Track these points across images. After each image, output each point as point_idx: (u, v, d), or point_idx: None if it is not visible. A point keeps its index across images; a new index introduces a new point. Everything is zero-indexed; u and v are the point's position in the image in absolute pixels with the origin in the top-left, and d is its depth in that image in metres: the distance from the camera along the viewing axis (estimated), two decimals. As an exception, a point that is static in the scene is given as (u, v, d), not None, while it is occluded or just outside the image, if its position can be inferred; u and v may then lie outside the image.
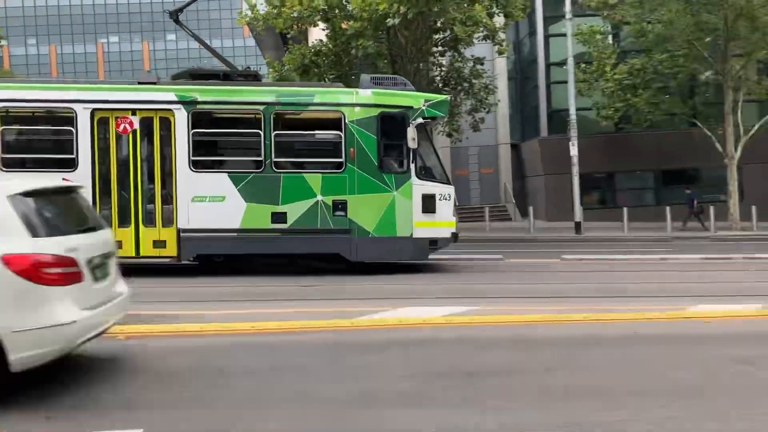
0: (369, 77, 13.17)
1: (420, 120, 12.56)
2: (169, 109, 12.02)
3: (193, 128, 12.05)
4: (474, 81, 24.03)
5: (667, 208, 24.55)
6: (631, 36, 26.08)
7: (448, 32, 21.94)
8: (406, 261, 12.98)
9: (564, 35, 25.48)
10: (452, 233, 12.87)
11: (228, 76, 13.16)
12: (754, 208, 24.57)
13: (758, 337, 7.05)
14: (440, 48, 23.79)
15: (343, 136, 12.30)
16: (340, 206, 12.20)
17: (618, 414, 4.53)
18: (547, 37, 30.81)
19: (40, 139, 12.75)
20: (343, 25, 21.48)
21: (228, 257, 12.51)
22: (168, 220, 12.04)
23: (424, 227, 12.53)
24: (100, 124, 11.95)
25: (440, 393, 5.05)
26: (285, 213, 12.10)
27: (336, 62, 22.74)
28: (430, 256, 13.26)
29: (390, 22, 19.31)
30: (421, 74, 22.72)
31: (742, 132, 24.21)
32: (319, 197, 12.13)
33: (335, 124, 12.44)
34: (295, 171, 12.39)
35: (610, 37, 27.78)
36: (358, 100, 12.42)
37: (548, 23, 30.66)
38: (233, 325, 7.26)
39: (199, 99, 12.13)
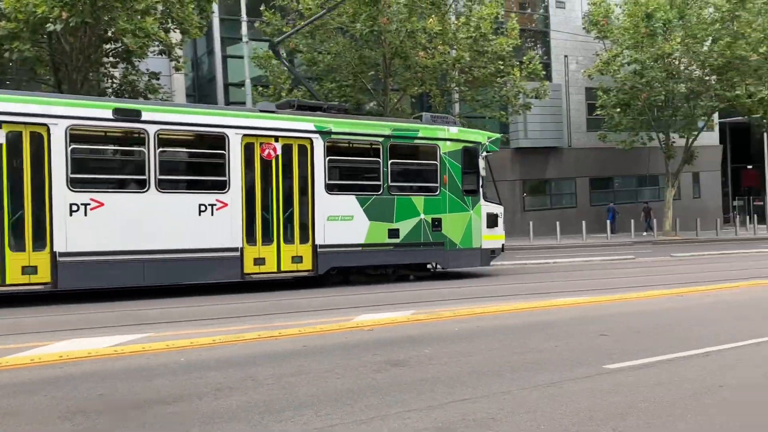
0: (429, 115, 15.82)
1: (485, 153, 15.92)
2: (308, 138, 13.59)
3: (327, 155, 13.73)
4: (150, 96, 23.07)
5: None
6: (304, 64, 27.63)
7: (120, 43, 20.76)
8: (477, 267, 16.29)
9: (241, 57, 25.98)
10: (503, 244, 16.30)
11: (328, 108, 14.89)
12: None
13: (411, 340, 7.93)
14: (112, 59, 22.39)
15: (438, 165, 15.06)
16: (437, 223, 14.96)
17: (283, 427, 4.71)
18: (225, 57, 31.05)
19: (195, 162, 13.50)
20: (-7, 24, 18.94)
21: (347, 269, 14.40)
22: (304, 238, 13.58)
23: (488, 240, 15.76)
24: (247, 149, 13.02)
25: (106, 430, 4.69)
26: (398, 229, 14.51)
27: (-15, 65, 19.95)
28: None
29: (51, 27, 17.58)
30: (90, 84, 21.10)
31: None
32: (422, 216, 14.80)
33: (433, 155, 15.10)
34: (405, 194, 14.75)
35: (285, 63, 29.10)
36: (449, 136, 15.27)
37: (226, 44, 30.94)
38: None
39: (333, 130, 13.90)
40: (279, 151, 13.25)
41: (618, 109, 32.61)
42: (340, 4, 23.28)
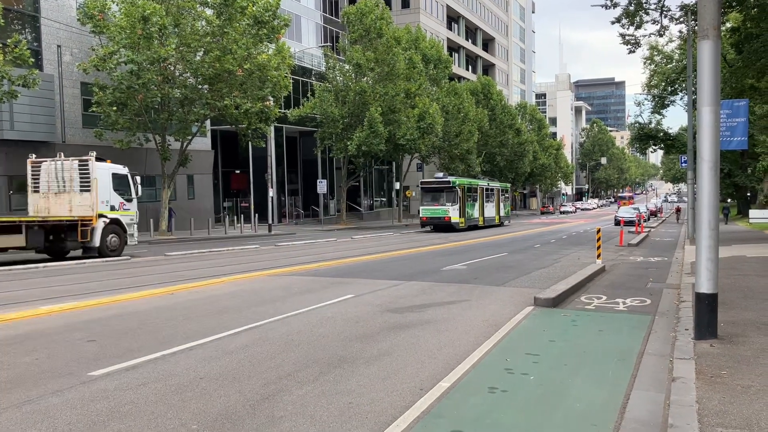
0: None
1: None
2: (492, 189, 53.72)
3: (502, 194, 56.43)
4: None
5: None
6: None
7: None
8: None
9: None
10: None
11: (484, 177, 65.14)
12: None
13: None
14: None
15: (496, 193, 55.33)
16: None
17: None
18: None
19: (485, 196, 51.19)
20: None
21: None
22: (496, 213, 55.04)
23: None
24: (494, 192, 53.97)
25: None
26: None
27: None
28: None
29: None
30: None
31: None
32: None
33: (499, 192, 56.25)
34: (492, 201, 54.03)
35: None
36: (486, 184, 52.61)
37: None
38: None
39: (499, 185, 57.18)
40: (494, 193, 53.79)
41: (115, 108, 31.87)
42: None
